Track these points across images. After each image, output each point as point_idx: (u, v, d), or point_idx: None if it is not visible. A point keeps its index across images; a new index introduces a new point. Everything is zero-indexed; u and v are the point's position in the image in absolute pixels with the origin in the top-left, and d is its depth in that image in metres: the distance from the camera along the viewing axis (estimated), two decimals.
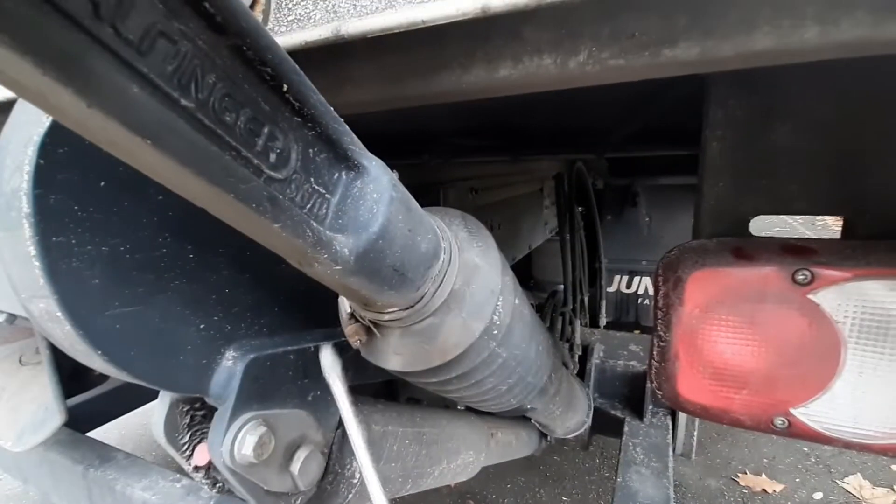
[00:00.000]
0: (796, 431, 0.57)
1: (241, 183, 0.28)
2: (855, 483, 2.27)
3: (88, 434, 1.16)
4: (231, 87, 0.27)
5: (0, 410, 0.99)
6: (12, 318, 0.67)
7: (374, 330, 0.51)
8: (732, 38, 0.35)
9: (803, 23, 0.33)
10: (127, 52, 0.22)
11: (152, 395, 0.53)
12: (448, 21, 0.37)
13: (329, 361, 0.52)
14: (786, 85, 0.61)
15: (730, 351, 0.59)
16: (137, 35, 0.22)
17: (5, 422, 0.96)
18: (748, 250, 0.58)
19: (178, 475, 0.97)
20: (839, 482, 2.29)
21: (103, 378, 1.47)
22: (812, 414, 0.56)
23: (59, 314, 0.37)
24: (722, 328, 0.58)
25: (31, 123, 0.37)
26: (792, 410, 0.57)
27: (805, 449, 2.52)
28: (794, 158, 0.63)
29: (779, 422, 0.58)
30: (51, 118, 0.36)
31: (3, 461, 1.23)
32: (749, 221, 0.66)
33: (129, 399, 1.59)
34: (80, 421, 1.35)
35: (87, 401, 1.50)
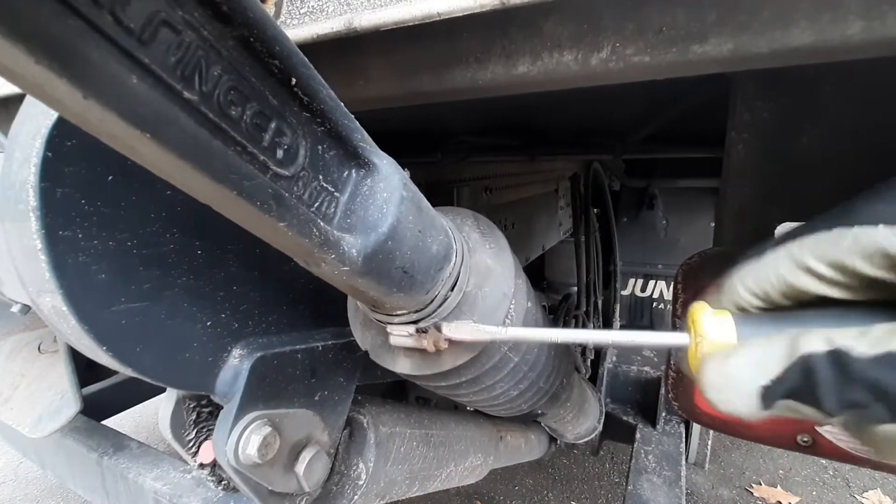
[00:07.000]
0: (821, 450, 0.55)
1: (245, 180, 0.27)
2: (874, 498, 2.20)
3: (104, 422, 1.18)
4: (237, 79, 0.26)
5: (19, 397, 1.01)
6: (26, 308, 0.68)
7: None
8: (767, 34, 0.32)
9: (846, 17, 0.31)
10: (127, 42, 0.21)
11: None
12: (465, 14, 0.35)
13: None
14: (817, 85, 0.58)
15: None
16: (139, 23, 0.21)
17: (24, 408, 0.98)
18: None
19: (189, 466, 0.98)
20: (858, 497, 2.22)
21: None
22: (838, 431, 0.53)
23: (65, 309, 0.36)
24: None
25: (39, 115, 0.36)
26: (817, 427, 0.54)
27: (823, 461, 2.45)
28: (825, 163, 0.60)
29: (802, 439, 0.55)
30: None
31: (22, 446, 1.26)
32: (775, 229, 0.63)
33: (143, 389, 1.62)
34: (95, 409, 1.37)
35: (102, 390, 1.53)
